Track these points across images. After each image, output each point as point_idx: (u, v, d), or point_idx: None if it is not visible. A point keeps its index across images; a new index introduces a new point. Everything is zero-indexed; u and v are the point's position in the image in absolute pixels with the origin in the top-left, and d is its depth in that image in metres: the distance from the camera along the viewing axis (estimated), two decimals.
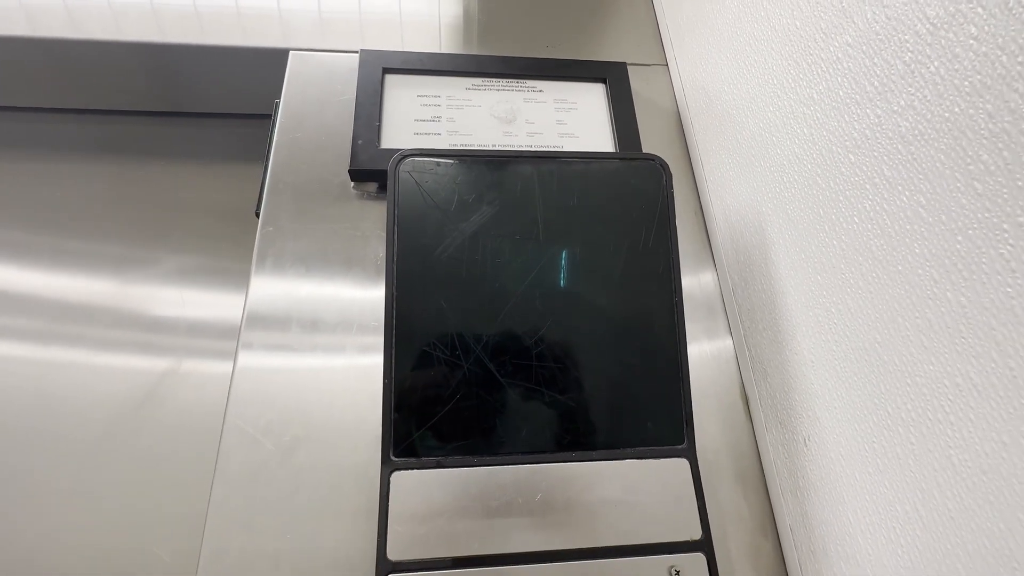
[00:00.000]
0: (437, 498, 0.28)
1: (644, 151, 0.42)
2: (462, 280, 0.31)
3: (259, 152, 0.46)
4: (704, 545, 0.29)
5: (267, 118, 0.44)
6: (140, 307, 0.43)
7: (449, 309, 0.30)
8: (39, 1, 0.46)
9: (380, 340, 0.33)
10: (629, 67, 0.46)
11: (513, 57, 0.44)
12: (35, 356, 0.43)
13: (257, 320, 0.34)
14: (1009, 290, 0.19)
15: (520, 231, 0.32)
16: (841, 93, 0.27)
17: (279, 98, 0.43)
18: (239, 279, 0.44)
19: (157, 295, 0.43)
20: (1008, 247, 0.19)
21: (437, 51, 0.48)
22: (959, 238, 0.20)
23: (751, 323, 0.35)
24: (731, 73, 0.37)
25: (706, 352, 0.37)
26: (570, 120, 0.42)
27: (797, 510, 0.30)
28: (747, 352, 0.35)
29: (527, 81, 0.43)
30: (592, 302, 0.31)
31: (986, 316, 0.19)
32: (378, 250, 0.37)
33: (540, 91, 0.43)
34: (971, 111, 0.20)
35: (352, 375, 0.33)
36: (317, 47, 0.46)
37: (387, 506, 0.28)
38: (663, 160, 0.34)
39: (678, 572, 0.28)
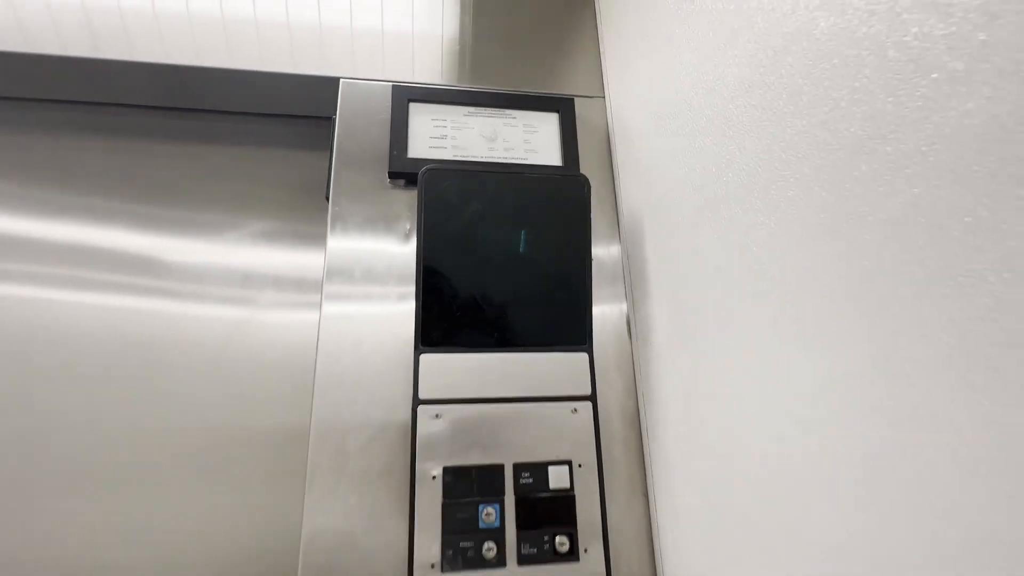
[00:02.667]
0: (447, 368, 0.51)
1: (582, 164, 0.63)
2: (462, 246, 0.52)
3: (315, 143, 0.66)
4: (592, 398, 0.52)
5: (321, 119, 0.64)
6: (232, 259, 0.63)
7: (454, 263, 0.52)
8: (174, 34, 0.63)
9: (410, 276, 0.55)
10: (577, 99, 0.67)
11: (496, 92, 0.64)
12: (152, 308, 0.63)
13: (337, 261, 0.55)
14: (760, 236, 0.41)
15: (497, 218, 0.53)
16: (697, 142, 0.48)
17: (335, 114, 0.62)
18: (312, 238, 0.65)
19: (247, 250, 0.63)
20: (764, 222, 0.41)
21: (439, 80, 0.67)
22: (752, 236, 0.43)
23: (635, 275, 0.58)
24: (639, 109, 0.59)
25: (609, 293, 0.59)
26: (533, 140, 0.63)
27: (645, 384, 0.54)
28: (631, 294, 0.58)
29: (505, 110, 0.63)
30: (538, 260, 0.53)
31: (735, 264, 0.42)
32: (406, 224, 0.58)
33: (514, 118, 0.63)
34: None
35: (393, 301, 0.55)
36: (356, 76, 0.65)
37: (417, 376, 0.50)
38: (586, 177, 0.55)
39: (575, 410, 0.51)
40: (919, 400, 0.25)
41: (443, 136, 0.61)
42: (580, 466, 0.50)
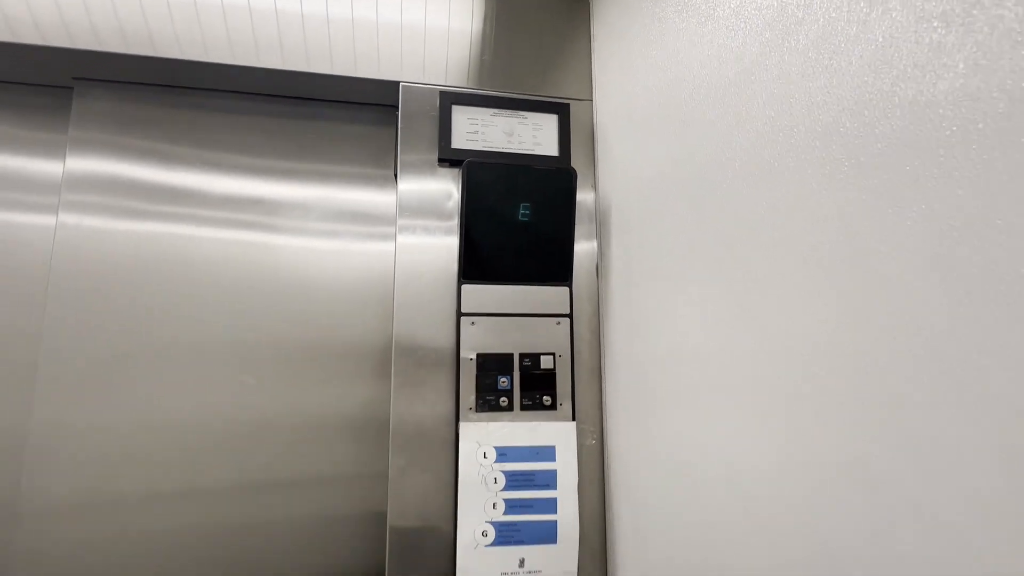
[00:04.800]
0: (479, 294, 0.79)
1: (573, 154, 0.89)
2: (491, 212, 0.79)
3: (378, 120, 0.91)
4: (570, 316, 0.82)
5: (382, 106, 0.89)
6: (325, 198, 0.90)
7: (486, 222, 0.79)
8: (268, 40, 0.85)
9: (453, 228, 0.82)
10: (572, 102, 0.91)
11: (512, 97, 0.88)
12: (262, 240, 0.89)
13: (406, 212, 0.82)
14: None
15: (513, 196, 0.80)
16: (662, 141, 0.75)
17: (395, 106, 0.86)
18: (382, 180, 0.92)
19: (336, 189, 0.90)
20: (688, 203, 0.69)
21: (464, 84, 0.90)
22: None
23: (603, 235, 0.86)
24: (616, 112, 0.84)
25: (584, 237, 0.87)
26: (539, 135, 0.88)
27: (604, 308, 0.84)
28: (600, 247, 0.86)
29: (519, 112, 0.88)
30: (538, 225, 0.81)
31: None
32: (450, 191, 0.84)
33: (525, 118, 0.88)
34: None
35: (441, 246, 0.83)
36: (407, 79, 0.88)
37: (460, 298, 0.79)
38: (574, 170, 0.81)
39: (559, 323, 0.81)
40: (755, 324, 0.54)
41: (476, 131, 0.85)
42: (560, 357, 0.80)
